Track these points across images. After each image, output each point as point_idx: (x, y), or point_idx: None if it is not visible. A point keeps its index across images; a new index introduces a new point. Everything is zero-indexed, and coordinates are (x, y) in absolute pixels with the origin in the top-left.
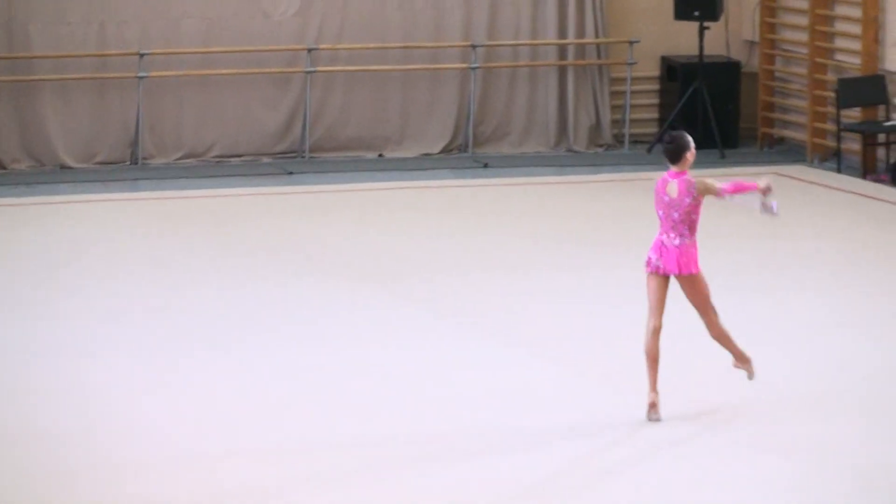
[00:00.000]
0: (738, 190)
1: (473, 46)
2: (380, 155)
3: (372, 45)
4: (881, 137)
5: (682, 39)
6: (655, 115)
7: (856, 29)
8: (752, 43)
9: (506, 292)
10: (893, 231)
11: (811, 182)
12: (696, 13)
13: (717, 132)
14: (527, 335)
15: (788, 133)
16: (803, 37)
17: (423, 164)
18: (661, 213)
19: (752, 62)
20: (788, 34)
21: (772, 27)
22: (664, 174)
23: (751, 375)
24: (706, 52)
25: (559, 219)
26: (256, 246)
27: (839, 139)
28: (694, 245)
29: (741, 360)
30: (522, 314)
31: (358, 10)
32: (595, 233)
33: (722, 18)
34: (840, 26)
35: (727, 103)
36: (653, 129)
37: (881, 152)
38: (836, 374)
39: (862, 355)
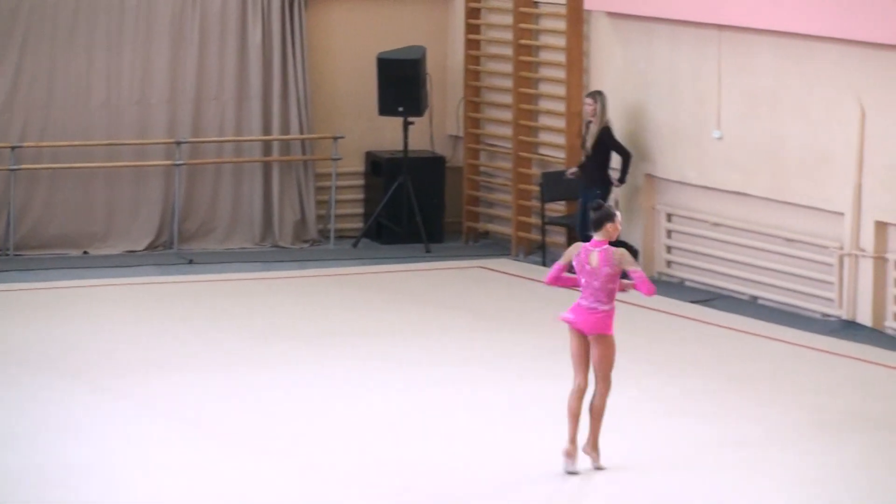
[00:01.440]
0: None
1: (178, 143)
2: (85, 252)
3: (76, 143)
4: None
5: (387, 135)
6: (360, 210)
7: (559, 123)
8: (456, 138)
9: (210, 388)
10: None
11: (516, 275)
12: (401, 109)
13: (423, 227)
14: (234, 432)
15: (493, 227)
16: (507, 131)
17: (128, 261)
18: (583, 280)
19: (457, 157)
20: (493, 129)
21: (476, 122)
22: (586, 244)
23: (597, 464)
24: (411, 147)
25: (265, 315)
26: None
27: (544, 233)
28: (610, 312)
29: (594, 446)
30: (228, 411)
31: (62, 106)
32: (301, 328)
33: (426, 114)
34: (544, 121)
35: (432, 198)
36: (358, 223)
37: None
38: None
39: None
